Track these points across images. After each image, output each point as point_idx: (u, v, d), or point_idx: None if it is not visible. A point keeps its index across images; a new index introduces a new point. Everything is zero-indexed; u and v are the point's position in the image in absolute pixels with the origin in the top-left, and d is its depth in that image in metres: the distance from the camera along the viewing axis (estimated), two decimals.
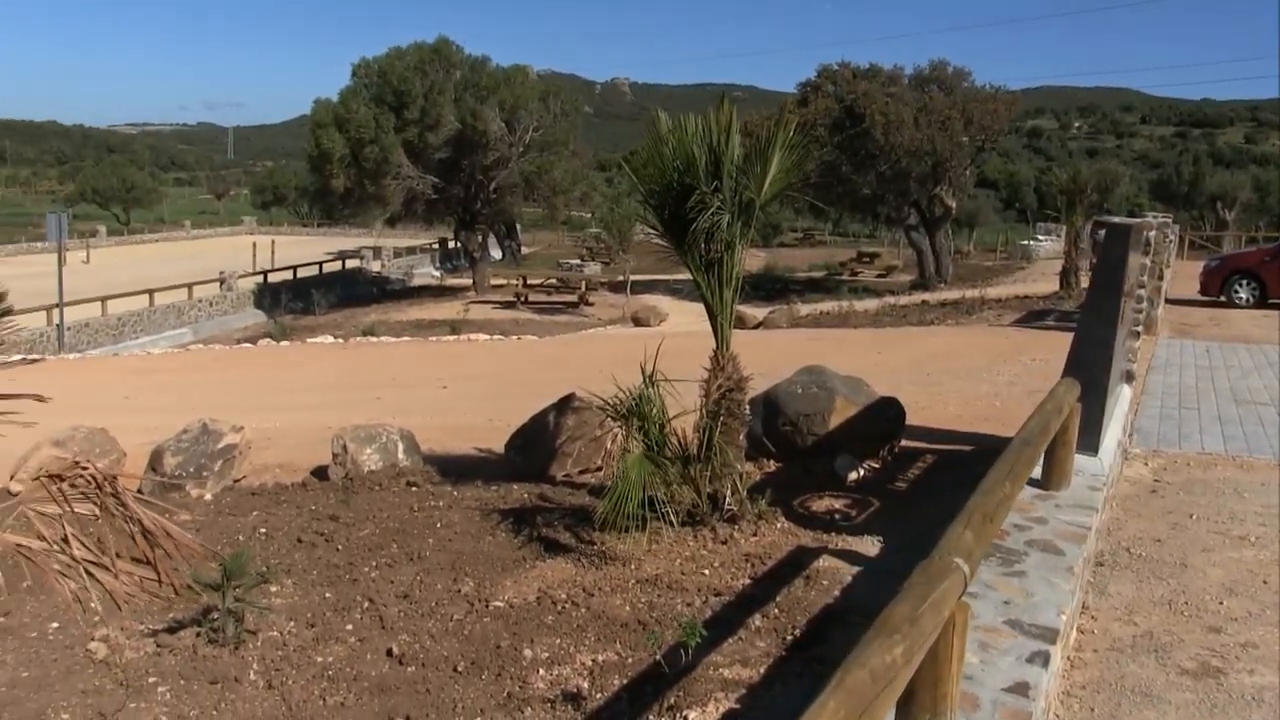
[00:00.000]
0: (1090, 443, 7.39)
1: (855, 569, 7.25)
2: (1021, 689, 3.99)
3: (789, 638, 6.16)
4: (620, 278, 38.45)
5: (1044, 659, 4.25)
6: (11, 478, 10.46)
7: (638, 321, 31.57)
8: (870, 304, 32.45)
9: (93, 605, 2.96)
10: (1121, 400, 9.31)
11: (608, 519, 7.37)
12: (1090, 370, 7.43)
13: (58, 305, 30.54)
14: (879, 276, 47.46)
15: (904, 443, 10.16)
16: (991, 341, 20.26)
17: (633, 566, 7.38)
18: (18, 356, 18.85)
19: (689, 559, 7.51)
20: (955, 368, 16.33)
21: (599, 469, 9.46)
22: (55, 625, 6.85)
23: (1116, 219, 9.23)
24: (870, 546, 7.71)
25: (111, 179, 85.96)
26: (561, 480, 9.60)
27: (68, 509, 2.98)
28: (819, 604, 6.63)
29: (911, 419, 10.36)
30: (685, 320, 29.58)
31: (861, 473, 9.48)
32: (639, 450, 7.59)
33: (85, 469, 3.02)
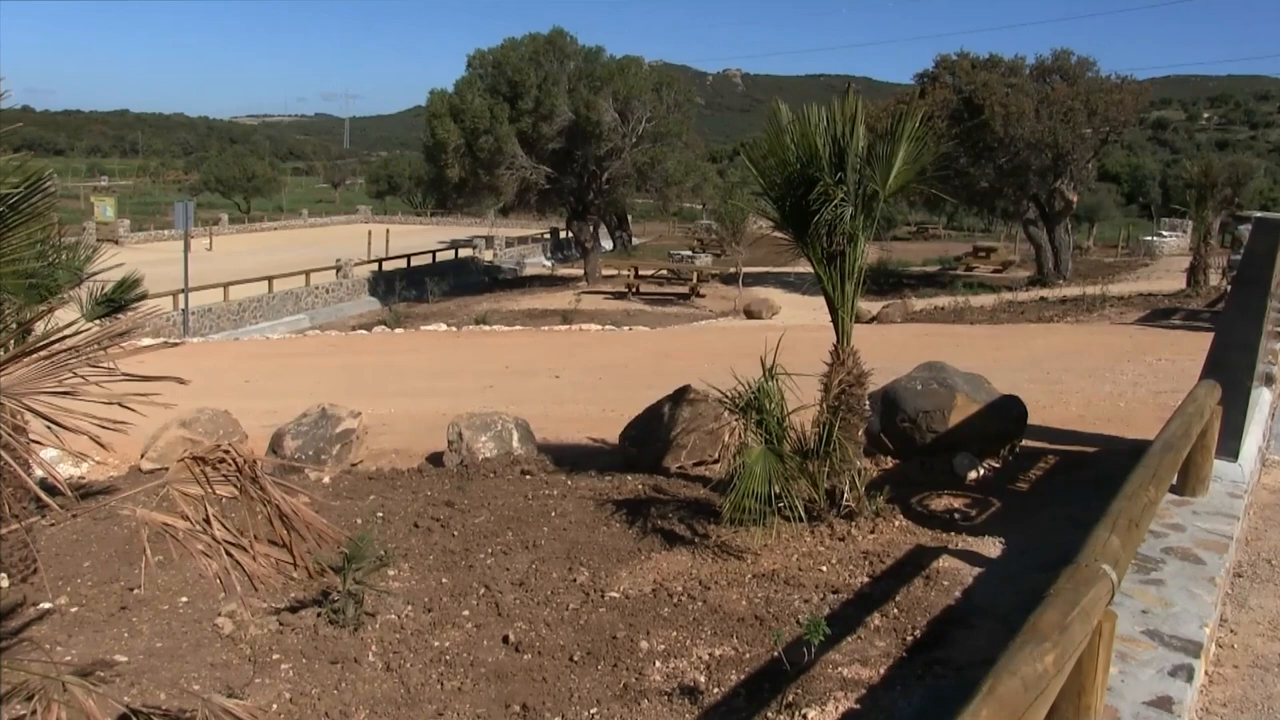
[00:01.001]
0: (1230, 448, 7.10)
1: (976, 570, 7.08)
2: (1164, 704, 3.82)
3: (909, 638, 6.04)
4: (732, 270, 38.23)
5: (1187, 673, 4.08)
6: (142, 456, 10.83)
7: (750, 314, 31.38)
8: (986, 300, 31.77)
9: (234, 585, 3.01)
10: (1261, 404, 8.94)
11: (730, 513, 7.32)
12: (1232, 372, 7.13)
13: (183, 291, 31.49)
14: (995, 272, 46.43)
15: (1025, 442, 9.90)
16: (1114, 340, 19.69)
17: (749, 561, 7.32)
18: (159, 339, 19.48)
19: (806, 555, 7.41)
20: (1076, 366, 15.88)
21: (714, 461, 9.40)
22: (184, 600, 7.05)
23: (1263, 213, 8.83)
24: (991, 548, 7.52)
25: (234, 169, 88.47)
26: (675, 472, 9.56)
27: (210, 490, 3.03)
28: (939, 605, 6.49)
29: (1032, 418, 10.09)
30: (798, 314, 29.38)
31: (981, 472, 9.26)
32: (758, 444, 7.51)
33: (227, 452, 3.07)
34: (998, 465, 9.51)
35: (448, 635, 6.45)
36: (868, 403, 8.34)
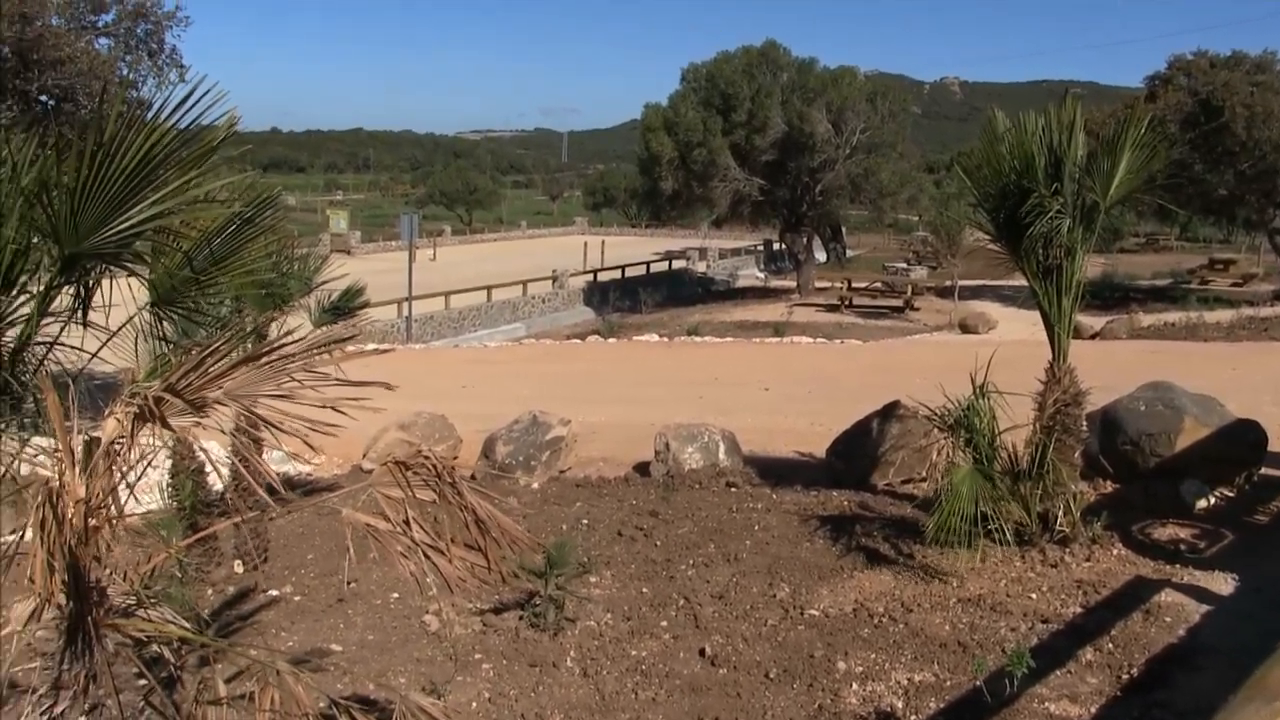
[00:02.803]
0: None
1: (1204, 607, 6.66)
2: None
3: (1124, 676, 5.74)
4: (948, 283, 37.24)
5: None
6: (364, 456, 11.36)
7: (965, 328, 30.50)
8: (1223, 315, 29.89)
9: (430, 586, 3.11)
10: None
11: (935, 533, 7.13)
12: None
13: (407, 299, 32.85)
14: (1234, 285, 43.57)
15: (1264, 470, 9.25)
16: None
17: (955, 584, 7.11)
18: (370, 346, 20.43)
19: (1015, 580, 7.14)
20: None
21: (922, 479, 9.17)
22: (395, 596, 7.36)
23: None
24: (1222, 584, 7.05)
25: (456, 182, 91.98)
26: (883, 489, 9.38)
27: (410, 494, 3.14)
28: (1160, 642, 6.13)
29: (1272, 444, 9.41)
30: (1016, 328, 28.33)
31: (1212, 501, 8.72)
32: (967, 463, 7.28)
33: (427, 458, 3.18)
34: (1231, 494, 8.93)
35: (645, 645, 6.51)
36: (1085, 424, 7.98)
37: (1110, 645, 6.10)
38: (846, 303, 37.80)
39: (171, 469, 7.96)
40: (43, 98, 14.70)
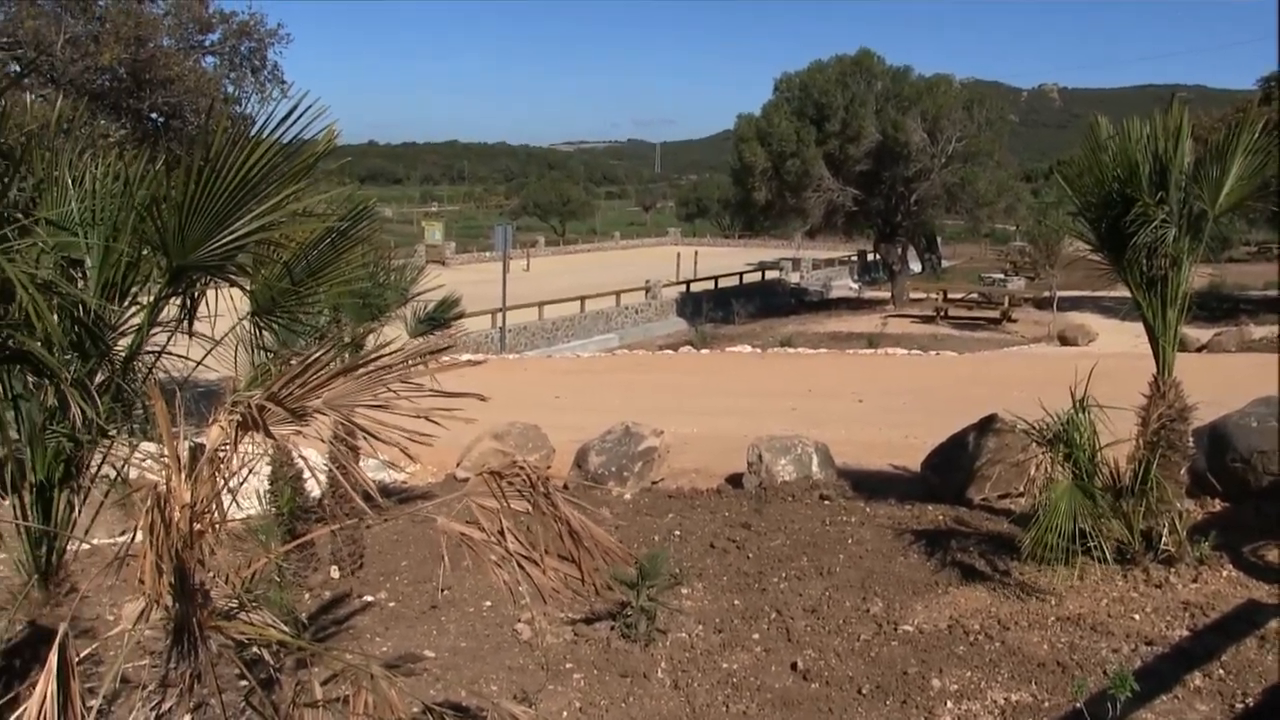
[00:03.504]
0: None
1: None
2: None
3: (1237, 705, 5.54)
4: (1046, 293, 36.54)
5: None
6: (457, 464, 11.51)
7: (1064, 340, 29.90)
8: None
9: (523, 595, 3.14)
10: None
11: (1032, 550, 6.99)
12: None
13: (501, 310, 33.21)
14: None
15: None
16: None
17: (1053, 602, 6.95)
18: (465, 357, 20.70)
19: (1116, 600, 6.96)
20: None
21: (1019, 495, 9.00)
22: (488, 604, 7.42)
23: None
24: None
25: (550, 194, 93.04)
26: (979, 504, 9.22)
27: (505, 504, 3.17)
28: (1277, 671, 5.92)
29: None
30: (1117, 340, 27.70)
31: None
32: (1066, 479, 7.13)
33: (522, 469, 3.21)
34: None
35: (736, 658, 6.48)
36: (1191, 439, 7.75)
37: (1221, 672, 5.90)
38: (942, 314, 37.35)
39: (271, 475, 8.13)
40: (153, 115, 15.20)
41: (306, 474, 8.41)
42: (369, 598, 7.78)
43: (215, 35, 15.80)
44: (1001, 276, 49.22)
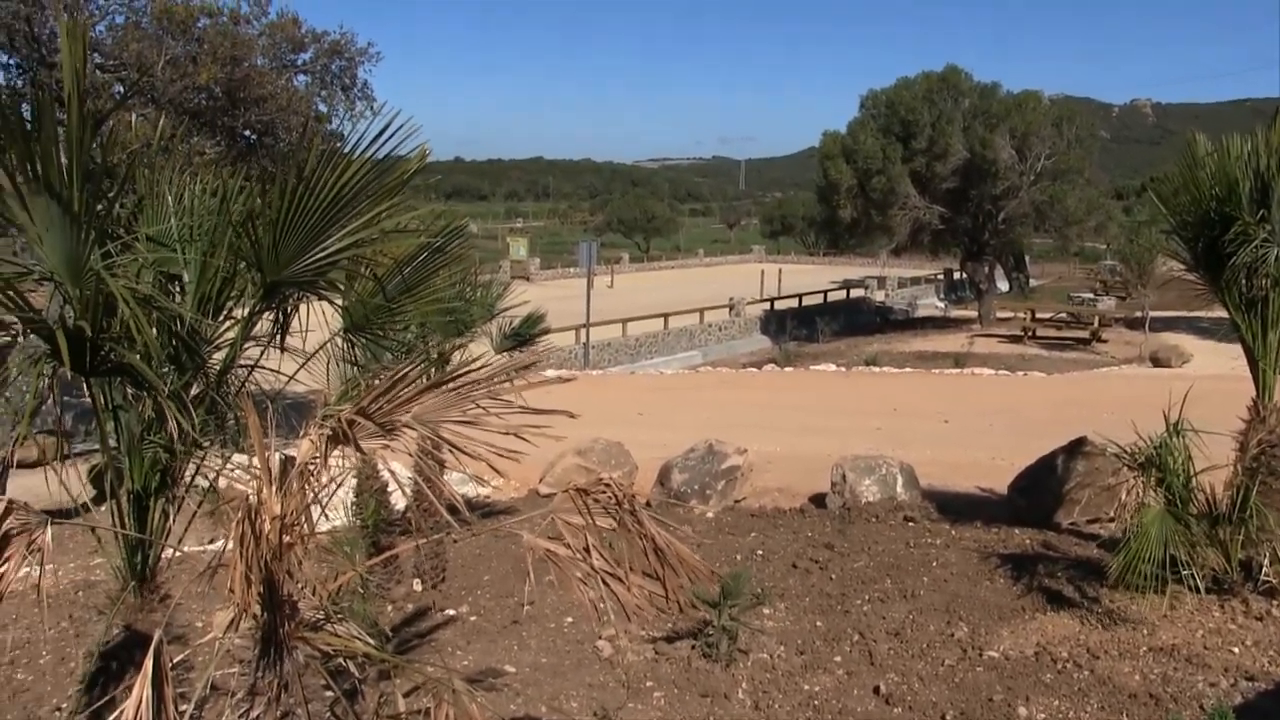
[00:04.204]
0: None
1: None
2: None
3: None
4: (1138, 314, 35.70)
5: None
6: (541, 480, 11.56)
7: (1157, 362, 29.17)
8: None
9: (608, 613, 3.13)
10: None
11: (1121, 576, 6.82)
12: None
13: (584, 326, 33.33)
14: None
15: None
16: None
17: (1145, 632, 6.78)
18: (553, 373, 20.83)
19: (1213, 631, 6.76)
20: None
21: (1109, 519, 8.80)
22: (569, 620, 7.44)
23: None
24: None
25: (634, 210, 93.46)
26: (1067, 528, 9.04)
27: (590, 521, 3.18)
28: None
29: None
30: (1213, 363, 26.97)
31: None
32: (1159, 504, 6.95)
33: (608, 486, 3.21)
34: None
35: (818, 680, 6.41)
36: None
37: None
38: (1030, 334, 36.66)
39: (357, 488, 8.24)
40: (246, 133, 15.57)
41: (392, 487, 8.51)
42: (451, 611, 7.84)
43: (307, 54, 16.16)
44: (1091, 296, 48.26)
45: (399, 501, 8.83)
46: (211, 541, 8.99)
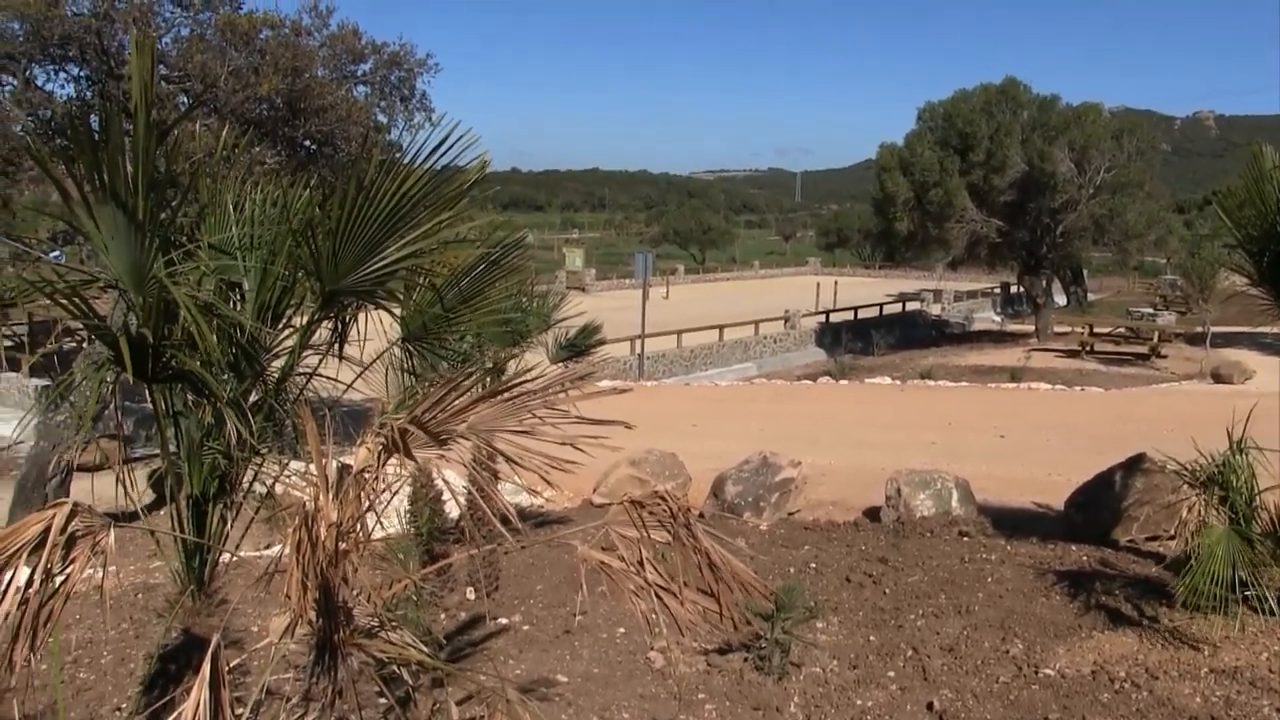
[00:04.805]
0: None
1: None
2: None
3: None
4: (1198, 329, 35.15)
5: None
6: (594, 490, 11.58)
7: (1218, 378, 28.66)
8: None
9: (660, 627, 3.13)
10: None
11: (1187, 596, 6.70)
12: None
13: (639, 337, 33.33)
14: None
15: None
16: None
17: (1207, 653, 6.64)
18: (608, 384, 20.86)
19: (1279, 655, 6.61)
20: None
21: (1169, 537, 8.64)
22: (621, 631, 7.43)
23: None
24: None
25: (690, 222, 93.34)
26: (1125, 545, 8.90)
27: (645, 534, 3.17)
28: None
29: None
30: (1276, 379, 26.49)
31: None
32: (1222, 523, 6.82)
33: (663, 499, 3.21)
34: None
35: (871, 695, 6.35)
36: None
37: None
38: (1088, 348, 36.18)
39: (411, 496, 8.30)
40: (305, 143, 15.79)
41: (446, 496, 8.56)
42: (504, 620, 7.86)
43: (367, 65, 16.35)
44: (1150, 311, 47.57)
45: (453, 510, 8.88)
46: (267, 547, 9.11)
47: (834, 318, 46.51)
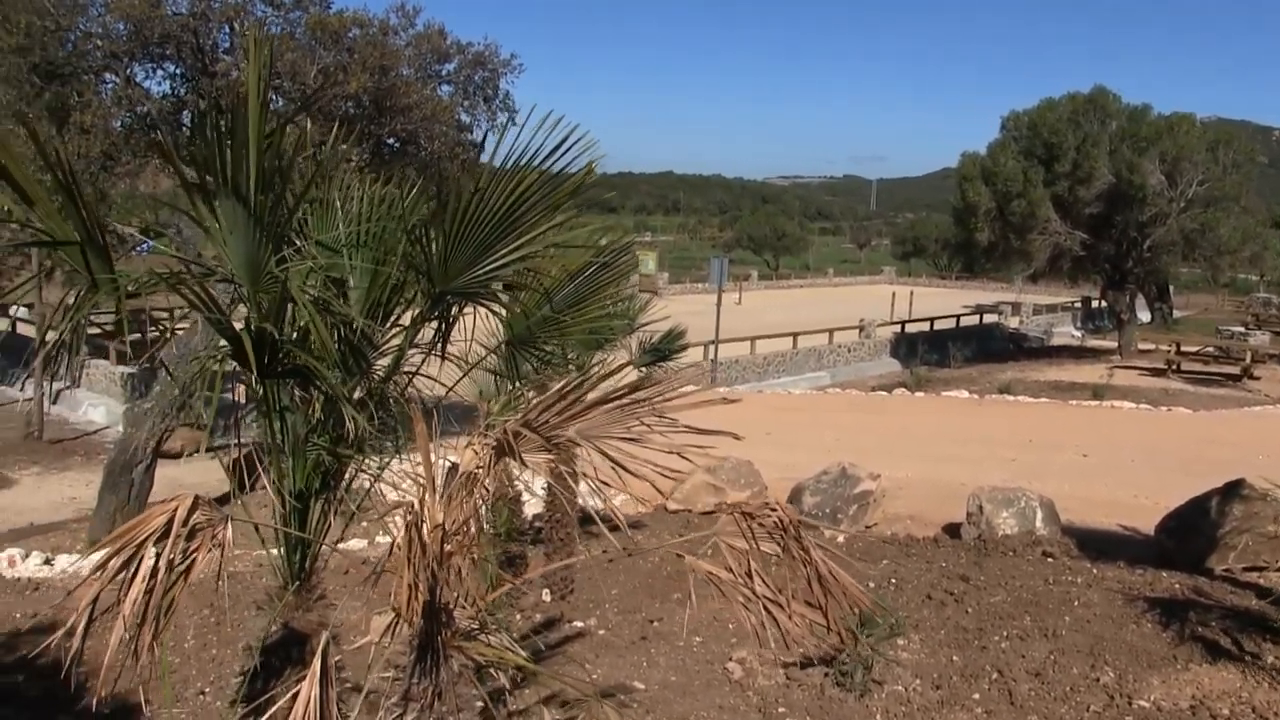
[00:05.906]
0: None
1: None
2: None
3: None
4: None
5: None
6: (668, 497, 11.53)
7: None
8: None
9: (769, 639, 3.07)
10: None
11: None
12: None
13: (713, 342, 33.20)
14: None
15: None
16: None
17: None
18: (708, 390, 20.76)
19: None
20: None
21: (1274, 569, 8.40)
22: (699, 639, 7.38)
23: None
24: None
25: (764, 227, 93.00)
26: (1220, 574, 8.65)
27: (755, 546, 3.12)
28: None
29: None
30: None
31: None
32: None
33: (773, 510, 3.15)
34: None
35: (955, 717, 6.24)
36: None
37: None
38: (1174, 367, 35.39)
39: (491, 496, 8.31)
40: (389, 141, 15.95)
41: (525, 496, 8.57)
42: (579, 624, 7.85)
43: (451, 65, 16.47)
44: (1242, 329, 46.41)
45: (530, 510, 8.88)
46: (369, 542, 9.21)
47: (909, 328, 45.97)
